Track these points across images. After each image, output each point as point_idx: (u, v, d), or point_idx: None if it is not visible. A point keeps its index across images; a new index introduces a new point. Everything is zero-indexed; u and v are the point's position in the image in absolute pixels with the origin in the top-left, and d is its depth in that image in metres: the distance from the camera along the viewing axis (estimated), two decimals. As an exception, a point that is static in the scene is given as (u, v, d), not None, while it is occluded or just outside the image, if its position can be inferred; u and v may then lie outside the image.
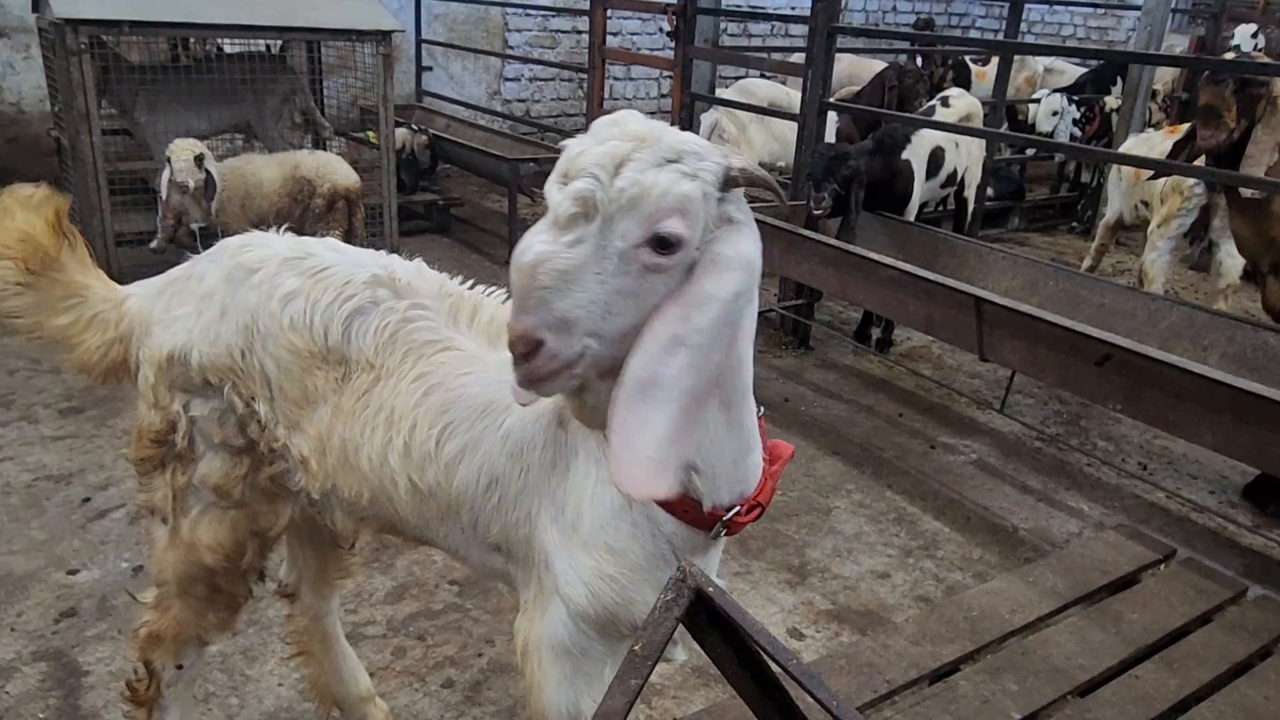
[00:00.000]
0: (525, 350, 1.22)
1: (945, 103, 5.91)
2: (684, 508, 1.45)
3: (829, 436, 4.49)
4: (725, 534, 1.50)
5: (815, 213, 4.86)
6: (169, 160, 4.78)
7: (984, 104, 6.70)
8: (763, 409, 1.57)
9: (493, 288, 1.82)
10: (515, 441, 1.60)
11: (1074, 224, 8.75)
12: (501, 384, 1.59)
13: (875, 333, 5.59)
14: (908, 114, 6.00)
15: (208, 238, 5.03)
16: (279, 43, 6.56)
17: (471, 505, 1.66)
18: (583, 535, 1.53)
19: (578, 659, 1.60)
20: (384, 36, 5.62)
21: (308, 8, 5.49)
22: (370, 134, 7.10)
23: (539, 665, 1.62)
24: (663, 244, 1.21)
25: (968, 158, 5.61)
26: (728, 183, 1.26)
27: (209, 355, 1.76)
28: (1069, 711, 2.42)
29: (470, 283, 1.81)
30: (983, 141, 5.84)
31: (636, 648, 1.05)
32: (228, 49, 6.76)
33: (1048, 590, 2.90)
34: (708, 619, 1.10)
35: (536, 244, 1.22)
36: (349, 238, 5.31)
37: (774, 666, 1.14)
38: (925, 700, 2.42)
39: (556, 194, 1.22)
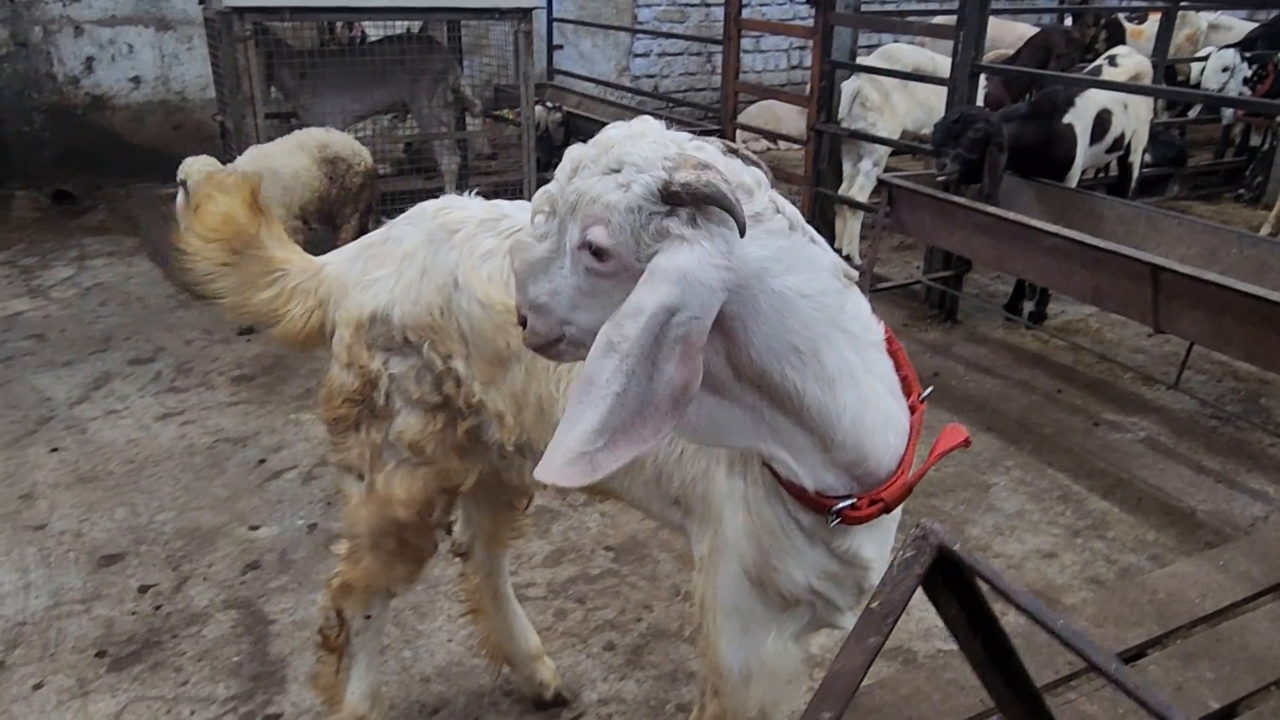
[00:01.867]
0: (519, 321, 1.36)
1: (1113, 62, 5.54)
2: (792, 489, 1.43)
3: (983, 412, 4.32)
4: (840, 522, 1.43)
5: (939, 179, 4.65)
6: (183, 185, 4.52)
7: (1145, 63, 6.27)
8: (929, 389, 1.50)
9: None
10: None
11: (1241, 191, 8.12)
12: None
13: (1028, 306, 5.34)
14: (1063, 74, 5.67)
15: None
16: (419, 24, 6.74)
17: (655, 457, 1.67)
18: (743, 492, 1.54)
19: (745, 617, 1.61)
20: (524, 14, 5.69)
21: (453, -12, 5.61)
22: (509, 112, 7.22)
23: (713, 621, 1.64)
24: (594, 250, 1.23)
25: (1135, 120, 5.26)
26: (668, 197, 1.20)
27: (410, 313, 1.82)
28: (1274, 703, 2.26)
29: None
30: (1150, 102, 5.47)
31: (874, 605, 1.02)
32: (371, 33, 7.01)
33: (1240, 575, 2.71)
34: (944, 579, 1.06)
35: (521, 232, 1.34)
36: (365, 216, 5.12)
37: (1008, 624, 1.09)
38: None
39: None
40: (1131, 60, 5.55)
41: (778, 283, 1.27)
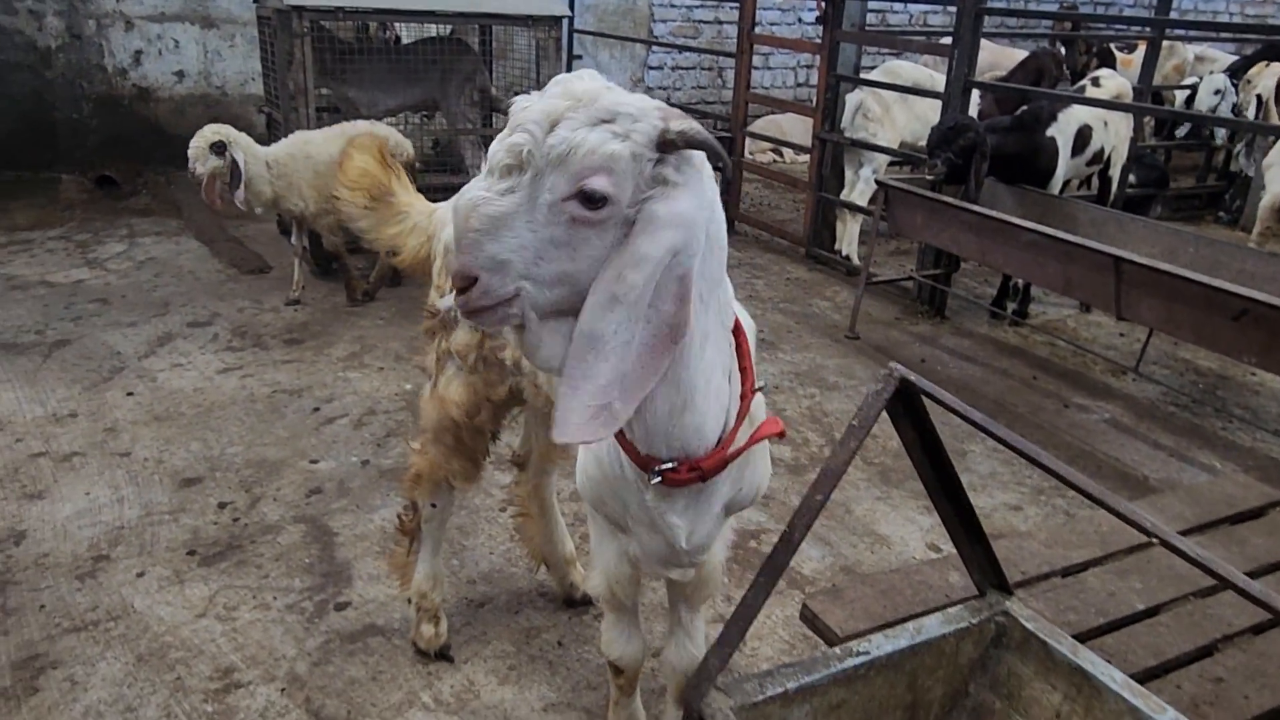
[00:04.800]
0: (463, 285, 1.30)
1: (1096, 82, 6.03)
2: (626, 444, 1.56)
3: (963, 393, 4.76)
4: (661, 482, 1.53)
5: (928, 177, 5.11)
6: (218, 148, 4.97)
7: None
8: (764, 384, 1.75)
9: None
10: None
11: (1221, 214, 8.63)
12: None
13: (1011, 305, 5.79)
14: (1050, 90, 6.15)
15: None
16: (449, 28, 7.21)
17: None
18: None
19: (597, 526, 1.94)
20: (555, 22, 6.17)
21: (490, -4, 6.09)
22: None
23: (580, 469, 1.88)
24: (589, 199, 1.26)
25: (1115, 137, 5.74)
26: (663, 145, 1.29)
27: None
28: (1189, 608, 2.69)
29: None
30: (1130, 121, 5.94)
31: (854, 422, 1.45)
32: (404, 35, 7.49)
33: (1175, 515, 3.14)
34: (904, 409, 1.49)
35: (473, 189, 1.30)
36: None
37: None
38: (1056, 589, 2.73)
39: (495, 145, 1.30)
40: (1113, 82, 6.03)
41: (715, 226, 1.39)
